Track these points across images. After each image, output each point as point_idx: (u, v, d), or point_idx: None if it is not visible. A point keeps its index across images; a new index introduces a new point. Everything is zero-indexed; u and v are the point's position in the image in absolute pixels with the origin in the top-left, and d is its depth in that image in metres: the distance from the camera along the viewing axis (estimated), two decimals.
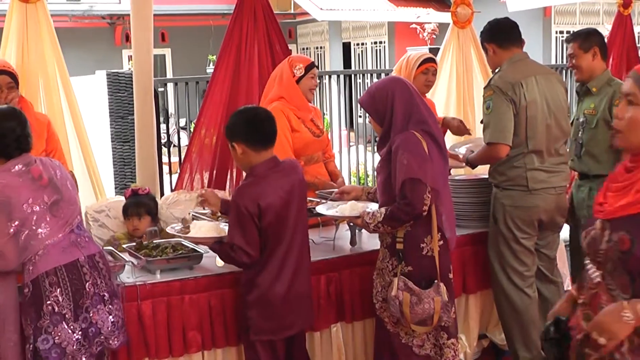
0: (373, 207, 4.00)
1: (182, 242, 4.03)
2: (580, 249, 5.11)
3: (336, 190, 4.46)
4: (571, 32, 5.18)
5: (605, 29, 12.72)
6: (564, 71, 9.11)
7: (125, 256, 3.92)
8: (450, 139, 5.89)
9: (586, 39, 4.96)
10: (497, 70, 4.64)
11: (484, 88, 4.56)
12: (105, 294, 3.36)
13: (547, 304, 4.75)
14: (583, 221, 4.93)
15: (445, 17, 7.38)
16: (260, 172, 3.62)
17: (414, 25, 13.34)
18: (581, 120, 4.94)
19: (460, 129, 5.46)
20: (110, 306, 3.36)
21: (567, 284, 5.76)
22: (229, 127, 3.71)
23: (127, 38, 5.64)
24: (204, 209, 4.31)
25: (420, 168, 3.64)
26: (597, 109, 4.84)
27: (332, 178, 5.04)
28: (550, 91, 4.52)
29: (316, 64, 4.92)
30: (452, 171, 5.36)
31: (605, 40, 5.34)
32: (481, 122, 4.60)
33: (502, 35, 4.65)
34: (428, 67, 5.29)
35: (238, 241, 3.52)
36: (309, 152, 4.87)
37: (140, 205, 4.82)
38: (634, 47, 7.65)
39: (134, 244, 4.10)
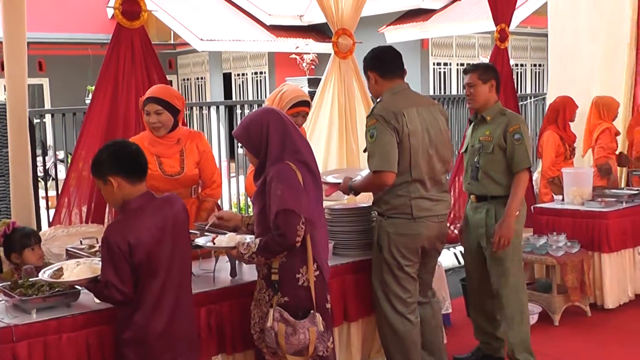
0: (251, 238, 3.98)
1: None
2: (475, 271, 5.35)
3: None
4: (470, 64, 5.53)
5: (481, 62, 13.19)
6: (442, 101, 9.36)
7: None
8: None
9: (485, 71, 5.33)
10: (378, 100, 4.70)
11: (367, 117, 4.61)
12: None
13: (424, 324, 4.86)
14: (482, 241, 5.22)
15: (325, 47, 7.45)
16: (133, 207, 3.54)
17: (293, 56, 13.45)
18: (477, 146, 5.23)
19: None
20: None
21: (447, 307, 5.90)
22: (99, 162, 3.56)
23: (2, 67, 5.50)
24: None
25: (293, 199, 3.67)
26: (493, 135, 5.15)
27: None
28: (431, 122, 4.63)
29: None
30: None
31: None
32: (364, 151, 4.68)
33: (384, 65, 4.70)
34: (299, 110, 5.10)
35: (111, 278, 3.42)
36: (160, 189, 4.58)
37: (29, 235, 4.59)
38: (511, 80, 7.98)
39: (9, 283, 3.95)
